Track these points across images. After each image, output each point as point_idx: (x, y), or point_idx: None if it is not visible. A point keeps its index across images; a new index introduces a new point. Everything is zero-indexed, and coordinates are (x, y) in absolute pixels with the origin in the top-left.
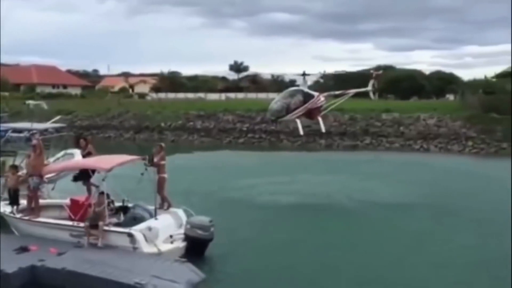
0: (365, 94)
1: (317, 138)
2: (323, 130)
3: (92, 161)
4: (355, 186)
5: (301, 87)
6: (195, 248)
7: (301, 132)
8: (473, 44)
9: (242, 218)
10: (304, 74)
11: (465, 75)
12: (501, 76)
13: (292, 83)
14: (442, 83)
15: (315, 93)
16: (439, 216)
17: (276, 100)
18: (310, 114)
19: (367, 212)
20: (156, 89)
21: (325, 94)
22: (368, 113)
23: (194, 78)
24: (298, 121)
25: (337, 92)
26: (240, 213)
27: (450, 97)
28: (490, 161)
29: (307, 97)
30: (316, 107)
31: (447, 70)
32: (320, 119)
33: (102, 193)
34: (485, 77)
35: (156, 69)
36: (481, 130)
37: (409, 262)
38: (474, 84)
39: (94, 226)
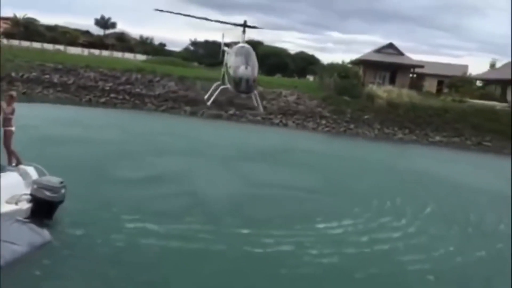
0: None
1: (182, 104)
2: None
3: None
4: None
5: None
6: (42, 210)
7: (262, 109)
8: (335, 31)
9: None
10: (244, 26)
11: (325, 58)
12: (355, 63)
13: (162, 46)
14: (305, 63)
15: None
16: None
17: (241, 62)
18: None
19: None
20: (7, 34)
21: None
22: None
23: (53, 28)
24: (256, 93)
25: None
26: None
27: (310, 77)
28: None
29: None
30: None
31: (310, 52)
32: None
33: None
34: (343, 62)
35: (9, 13)
36: (334, 110)
37: None
38: (331, 68)
39: None
